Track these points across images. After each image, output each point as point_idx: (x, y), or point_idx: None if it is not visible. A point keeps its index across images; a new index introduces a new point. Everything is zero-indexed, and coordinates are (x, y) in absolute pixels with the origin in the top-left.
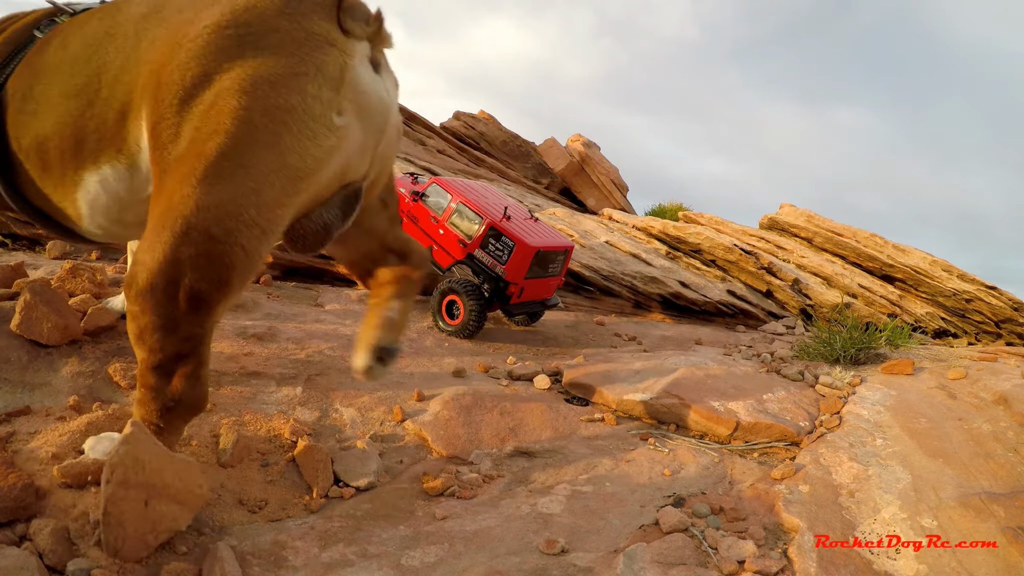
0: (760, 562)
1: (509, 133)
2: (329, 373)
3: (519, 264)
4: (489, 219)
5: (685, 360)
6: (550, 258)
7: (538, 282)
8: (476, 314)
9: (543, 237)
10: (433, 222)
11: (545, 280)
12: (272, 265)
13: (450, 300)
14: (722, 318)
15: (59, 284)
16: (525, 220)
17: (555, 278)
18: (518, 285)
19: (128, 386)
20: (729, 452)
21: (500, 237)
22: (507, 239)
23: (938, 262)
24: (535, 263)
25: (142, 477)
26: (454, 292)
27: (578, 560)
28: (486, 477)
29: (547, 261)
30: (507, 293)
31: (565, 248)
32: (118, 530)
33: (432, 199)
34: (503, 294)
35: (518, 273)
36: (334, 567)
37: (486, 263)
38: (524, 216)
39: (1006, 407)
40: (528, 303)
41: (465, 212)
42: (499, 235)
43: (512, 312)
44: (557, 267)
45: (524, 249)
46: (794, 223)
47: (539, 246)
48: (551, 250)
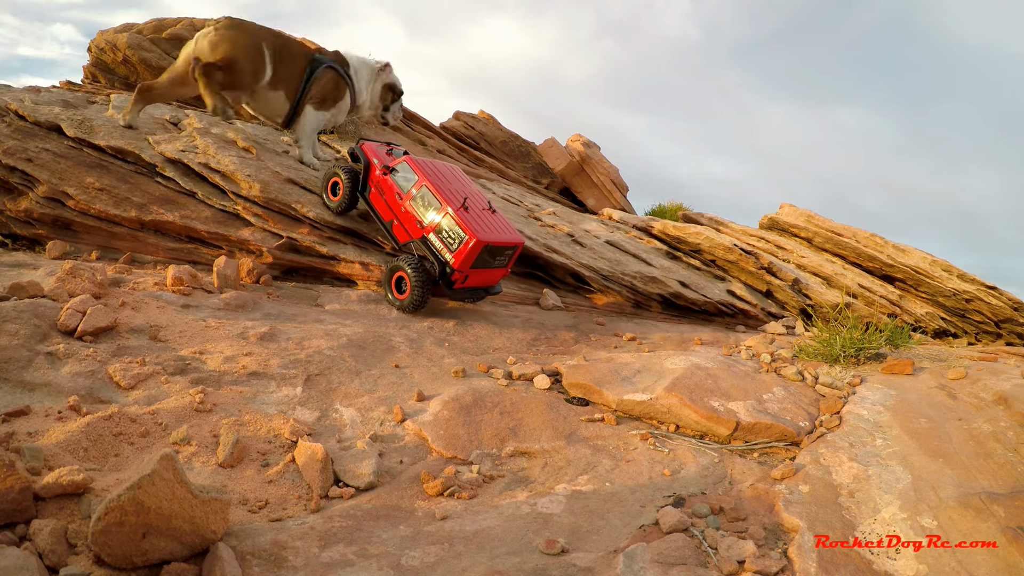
0: (760, 562)
1: (509, 133)
2: (329, 373)
3: (467, 255)
4: (447, 208)
5: (685, 360)
6: (498, 251)
7: (483, 271)
8: (419, 292)
9: (494, 232)
10: (398, 198)
11: (491, 270)
12: (272, 265)
13: (399, 276)
14: (722, 318)
15: (59, 284)
16: (482, 211)
17: (501, 269)
18: (463, 273)
19: (128, 386)
20: (729, 452)
21: (455, 227)
22: (459, 230)
23: (938, 262)
24: (483, 254)
25: (143, 519)
26: (403, 270)
27: (578, 560)
28: (486, 477)
29: (495, 253)
30: (452, 279)
31: (515, 244)
32: (106, 549)
33: (401, 175)
34: (448, 279)
35: (465, 263)
36: (334, 567)
37: (437, 247)
38: (483, 207)
39: (1006, 407)
40: (471, 289)
41: (427, 196)
42: (454, 224)
43: (454, 296)
44: (504, 260)
45: (473, 242)
46: (794, 223)
47: (488, 240)
48: (500, 245)
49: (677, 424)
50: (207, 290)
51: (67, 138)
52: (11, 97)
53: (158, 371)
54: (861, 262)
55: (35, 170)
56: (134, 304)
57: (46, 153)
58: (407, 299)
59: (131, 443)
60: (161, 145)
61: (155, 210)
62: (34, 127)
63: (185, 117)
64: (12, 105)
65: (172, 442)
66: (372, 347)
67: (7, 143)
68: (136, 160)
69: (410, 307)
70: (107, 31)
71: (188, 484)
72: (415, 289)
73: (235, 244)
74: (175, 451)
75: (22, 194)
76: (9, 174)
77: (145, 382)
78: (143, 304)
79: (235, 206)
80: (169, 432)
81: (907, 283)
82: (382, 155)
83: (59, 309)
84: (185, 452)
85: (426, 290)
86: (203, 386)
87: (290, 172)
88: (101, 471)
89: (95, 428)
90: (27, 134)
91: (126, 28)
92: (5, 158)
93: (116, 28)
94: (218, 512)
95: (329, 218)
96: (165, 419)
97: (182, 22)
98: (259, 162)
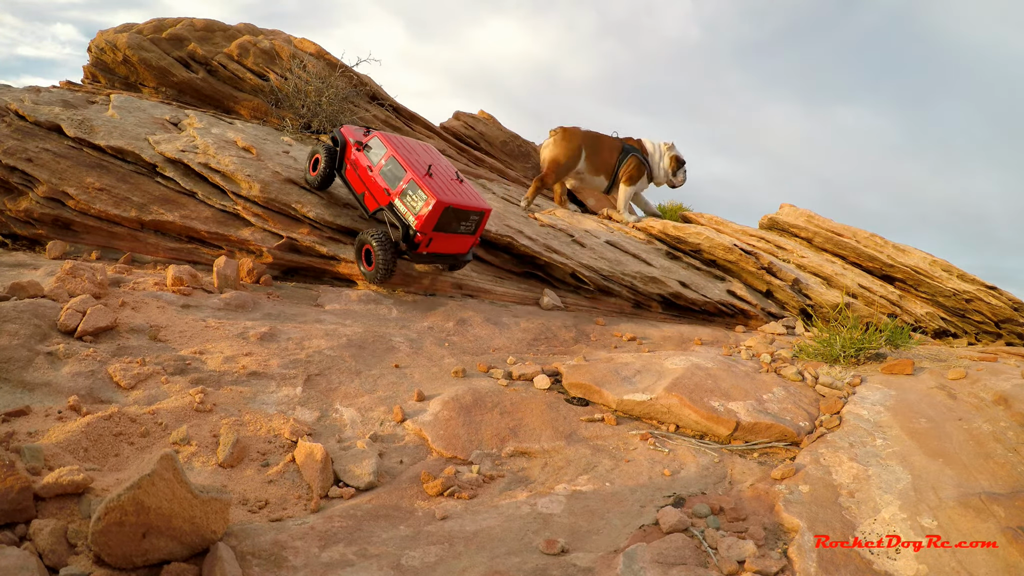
0: (760, 562)
1: (509, 133)
2: (329, 373)
3: (428, 216)
4: (411, 173)
5: (685, 360)
6: (462, 216)
7: (448, 236)
8: (384, 262)
9: (458, 196)
10: (368, 171)
11: (457, 236)
12: (272, 265)
13: (367, 249)
14: (722, 318)
15: (59, 284)
16: (449, 180)
17: (468, 236)
18: (426, 235)
19: (128, 386)
20: (729, 452)
21: (417, 191)
22: (422, 192)
23: (938, 262)
24: (445, 218)
25: (143, 519)
26: (368, 243)
27: (578, 560)
28: (486, 477)
29: (459, 218)
30: (416, 241)
31: (480, 209)
32: (106, 549)
33: (373, 151)
34: (412, 242)
35: (427, 224)
36: (334, 567)
37: (402, 212)
38: (450, 177)
39: (1006, 407)
40: (438, 254)
41: (394, 165)
42: (416, 189)
43: (420, 260)
44: (471, 226)
45: (434, 203)
46: (794, 223)
47: (449, 202)
48: (463, 208)
49: (677, 424)
50: (207, 290)
51: (67, 138)
52: (11, 97)
53: (158, 371)
54: (861, 262)
55: (35, 170)
56: (134, 304)
57: (46, 153)
58: (374, 270)
59: (131, 443)
60: (161, 145)
61: (155, 210)
62: (34, 127)
63: (185, 117)
64: (12, 105)
65: (172, 442)
66: (372, 347)
67: (7, 143)
68: (136, 160)
69: (378, 277)
70: (107, 31)
71: (188, 484)
72: (380, 260)
73: (235, 244)
74: (175, 451)
75: (22, 194)
76: (9, 174)
77: (145, 382)
78: (143, 304)
79: (235, 206)
80: (169, 432)
81: (907, 283)
82: (359, 135)
83: (59, 309)
84: (185, 452)
85: (391, 259)
86: (203, 386)
87: (290, 172)
88: (101, 471)
89: (95, 428)
90: (27, 134)
91: (126, 28)
92: (5, 158)
93: (116, 28)
94: (218, 512)
95: (329, 218)
96: (165, 419)
97: (182, 22)
98: (259, 162)
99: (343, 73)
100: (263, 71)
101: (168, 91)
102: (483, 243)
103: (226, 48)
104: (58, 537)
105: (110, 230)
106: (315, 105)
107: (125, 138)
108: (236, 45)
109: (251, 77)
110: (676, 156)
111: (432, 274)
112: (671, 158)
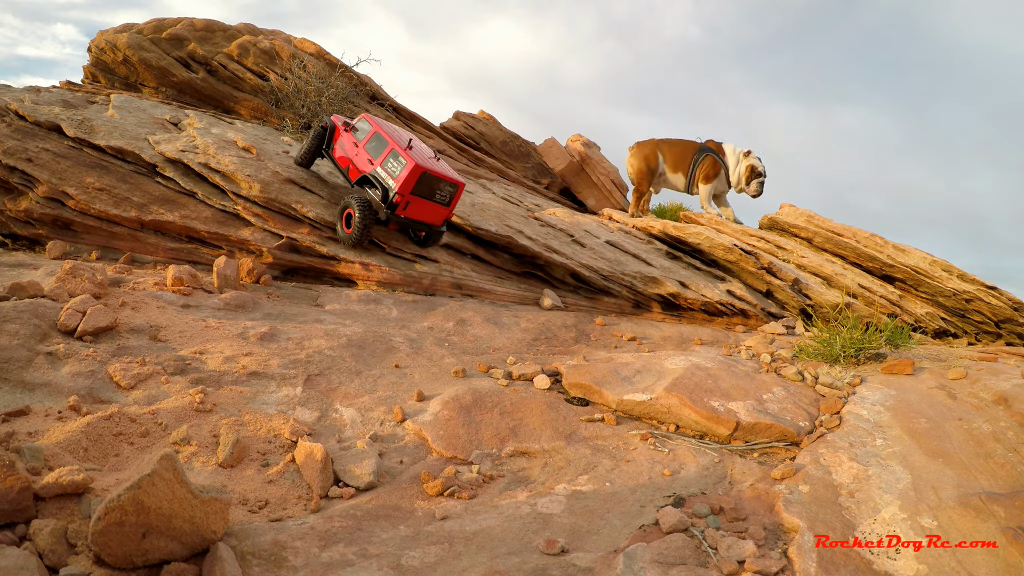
0: (760, 562)
1: (509, 133)
2: (329, 373)
3: (407, 179)
4: (393, 144)
5: (685, 360)
6: (436, 184)
7: (424, 203)
8: (361, 223)
9: (434, 166)
10: (354, 147)
11: (431, 204)
12: (272, 265)
13: (348, 213)
14: (722, 318)
15: (59, 284)
16: (428, 157)
17: (443, 207)
18: (404, 197)
19: (128, 386)
20: (729, 452)
21: (397, 157)
22: (402, 158)
23: (938, 262)
24: (421, 183)
25: (143, 519)
26: (351, 207)
27: (578, 560)
28: (486, 477)
29: (434, 186)
30: (394, 202)
31: (453, 181)
32: (106, 549)
33: (360, 131)
34: (391, 203)
35: (405, 186)
36: (334, 567)
37: (382, 177)
38: (428, 155)
39: (1006, 407)
40: (413, 220)
41: (379, 139)
42: (397, 156)
43: (398, 222)
44: (445, 197)
45: (412, 166)
46: (794, 223)
47: (427, 168)
48: (437, 176)
49: (677, 424)
50: (207, 290)
51: (67, 138)
52: (11, 97)
53: (158, 371)
54: (861, 262)
55: (35, 170)
56: (134, 304)
57: (46, 153)
58: (352, 233)
59: (131, 443)
60: (161, 145)
61: (155, 210)
62: (34, 127)
63: (185, 117)
64: (12, 105)
65: (172, 442)
66: (372, 347)
67: (7, 143)
68: (136, 160)
69: (355, 238)
70: (107, 31)
71: (188, 484)
72: (358, 220)
73: (235, 244)
74: (175, 451)
75: (22, 194)
76: (9, 174)
77: (145, 382)
78: (143, 304)
79: (235, 206)
80: (169, 432)
81: (907, 283)
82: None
83: (59, 309)
84: (185, 452)
85: (368, 222)
86: (203, 386)
87: (290, 172)
88: (101, 471)
89: (95, 428)
90: (27, 134)
91: (126, 28)
92: (5, 158)
93: (116, 28)
94: (218, 512)
95: (329, 218)
96: (165, 419)
97: (182, 22)
98: (259, 162)
99: (343, 73)
100: (263, 71)
101: (168, 91)
102: (483, 243)
103: (226, 48)
104: (58, 537)
105: (110, 230)
106: (315, 105)
107: (125, 138)
108: (236, 45)
109: (251, 77)
110: (752, 166)
111: (432, 274)
112: (747, 167)
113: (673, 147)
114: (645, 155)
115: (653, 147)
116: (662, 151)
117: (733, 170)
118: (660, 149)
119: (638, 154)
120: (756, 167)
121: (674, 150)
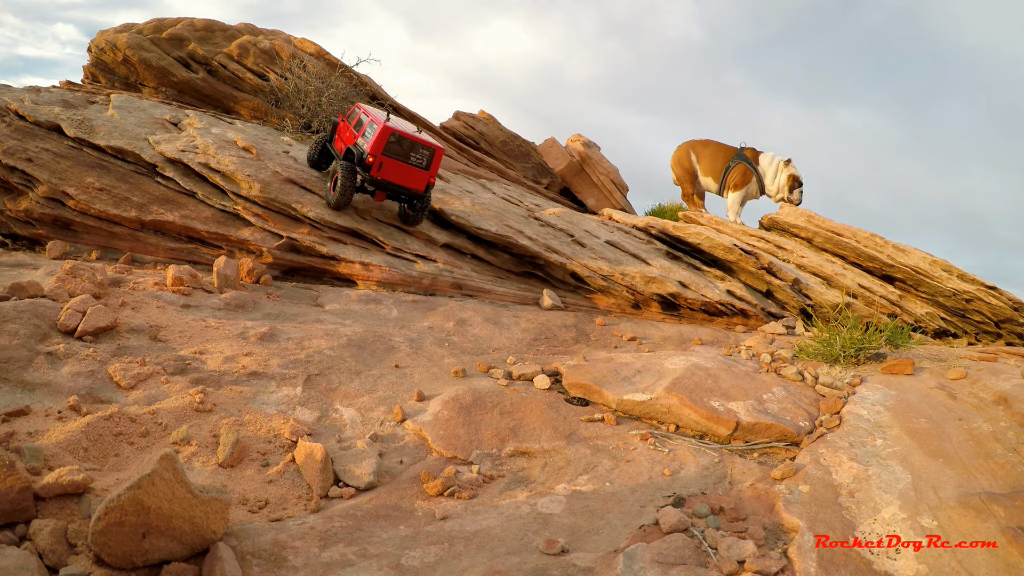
0: (760, 562)
1: (509, 133)
2: (329, 373)
3: (376, 139)
4: (371, 119)
5: (685, 360)
6: (409, 146)
7: (399, 165)
8: (344, 184)
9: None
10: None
11: (407, 167)
12: (272, 265)
13: (336, 177)
14: (722, 318)
15: (59, 284)
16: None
17: (421, 171)
18: (377, 159)
19: (128, 386)
20: (729, 452)
21: (373, 127)
22: (375, 126)
23: (938, 262)
24: (393, 144)
25: (143, 519)
26: (337, 172)
27: (578, 560)
28: (486, 477)
29: (408, 149)
30: (368, 163)
31: (429, 144)
32: (106, 549)
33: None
34: (364, 164)
35: (376, 147)
36: (334, 567)
37: (360, 144)
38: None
39: (1006, 407)
40: (390, 182)
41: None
42: (373, 125)
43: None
44: (421, 160)
45: (381, 128)
46: (794, 223)
47: (396, 129)
48: (408, 137)
49: (677, 424)
50: (207, 290)
51: (67, 138)
52: (11, 97)
53: (158, 371)
54: (861, 262)
55: (35, 170)
56: (134, 304)
57: (46, 153)
58: (335, 195)
59: (131, 443)
60: (161, 145)
61: (155, 210)
62: (34, 127)
63: (185, 117)
64: (12, 105)
65: (172, 442)
66: (372, 347)
67: (7, 143)
68: (136, 160)
69: (335, 197)
70: (107, 31)
71: (188, 484)
72: (340, 182)
73: (235, 244)
74: (175, 451)
75: (22, 194)
76: (9, 174)
77: (145, 382)
78: (143, 304)
79: (235, 206)
80: (169, 432)
81: (907, 283)
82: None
83: (59, 309)
84: (185, 452)
85: (350, 184)
86: (203, 386)
87: (290, 172)
88: (101, 471)
89: (95, 428)
90: (27, 134)
91: (126, 28)
92: (5, 158)
93: (116, 28)
94: (218, 512)
95: (329, 218)
96: (165, 419)
97: (182, 22)
98: (259, 162)
99: (343, 73)
100: (263, 71)
101: (168, 91)
102: (483, 243)
103: (226, 48)
104: (58, 537)
105: (110, 230)
106: (315, 105)
107: (125, 138)
108: (236, 45)
109: (251, 77)
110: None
111: (432, 274)
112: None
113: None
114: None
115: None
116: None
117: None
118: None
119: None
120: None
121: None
